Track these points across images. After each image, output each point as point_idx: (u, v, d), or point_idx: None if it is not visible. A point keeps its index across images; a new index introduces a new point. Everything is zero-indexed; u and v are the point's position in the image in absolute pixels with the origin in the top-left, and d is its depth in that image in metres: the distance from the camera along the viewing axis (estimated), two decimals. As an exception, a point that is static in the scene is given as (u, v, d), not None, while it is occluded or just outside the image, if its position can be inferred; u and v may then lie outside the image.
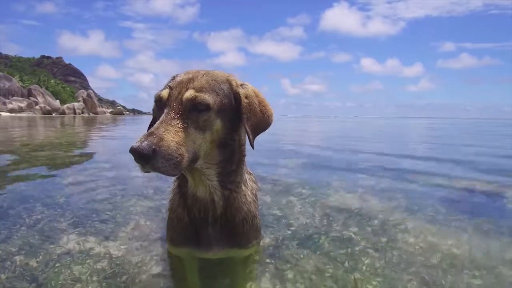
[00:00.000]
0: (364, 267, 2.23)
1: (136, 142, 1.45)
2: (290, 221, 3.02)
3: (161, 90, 1.78)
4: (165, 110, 1.66)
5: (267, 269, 2.18)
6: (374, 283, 2.04)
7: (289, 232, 2.79)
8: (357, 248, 2.49)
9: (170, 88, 1.73)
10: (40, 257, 2.27)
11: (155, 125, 1.59)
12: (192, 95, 1.68)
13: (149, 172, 1.51)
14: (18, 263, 2.19)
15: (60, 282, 1.98)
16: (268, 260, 2.29)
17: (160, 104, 1.74)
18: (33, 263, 2.19)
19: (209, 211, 1.97)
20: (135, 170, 5.55)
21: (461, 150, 9.51)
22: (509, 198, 3.97)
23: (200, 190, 1.93)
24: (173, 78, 1.85)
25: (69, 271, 2.10)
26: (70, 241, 2.52)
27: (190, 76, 1.78)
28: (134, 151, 1.44)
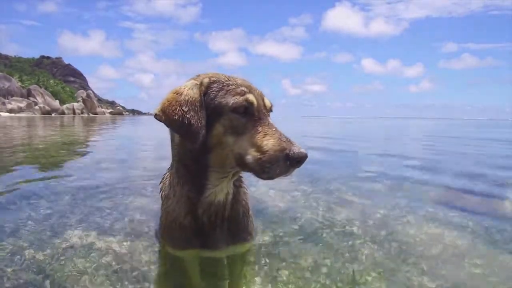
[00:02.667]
0: (364, 258, 2.25)
1: (298, 149, 1.55)
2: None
3: (243, 95, 1.71)
4: (263, 117, 1.73)
5: (265, 266, 2.16)
6: (373, 274, 2.05)
7: (296, 227, 2.80)
8: (358, 241, 2.51)
9: (250, 93, 1.75)
10: (48, 250, 2.28)
11: (279, 132, 1.66)
12: (271, 104, 1.85)
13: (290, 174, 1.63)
14: (26, 256, 2.20)
15: (65, 274, 1.99)
16: (265, 259, 2.27)
17: (250, 108, 1.71)
18: (40, 256, 2.20)
19: (219, 215, 1.97)
20: (134, 169, 5.57)
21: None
22: (510, 195, 3.99)
23: (220, 195, 1.93)
24: (213, 81, 1.78)
25: (73, 264, 2.10)
26: (75, 237, 2.52)
27: (246, 82, 1.83)
28: (305, 157, 1.57)
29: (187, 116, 1.67)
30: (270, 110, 1.85)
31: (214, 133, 1.71)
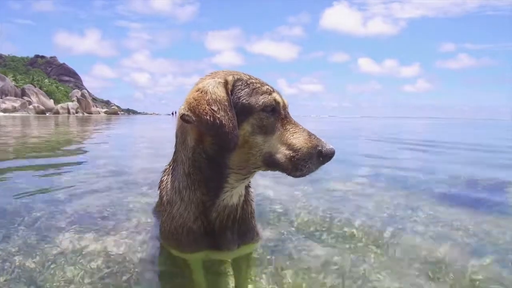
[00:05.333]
0: (372, 260, 2.23)
1: (329, 145, 1.63)
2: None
3: (271, 94, 1.71)
4: (288, 115, 1.77)
5: (269, 266, 2.15)
6: (383, 274, 2.03)
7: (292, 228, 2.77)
8: (360, 244, 2.48)
9: (275, 91, 1.76)
10: (37, 257, 2.22)
11: (306, 129, 1.70)
12: (287, 102, 1.83)
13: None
14: (17, 263, 2.14)
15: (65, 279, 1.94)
16: (270, 256, 2.27)
17: (277, 107, 1.72)
18: (30, 263, 2.14)
19: (231, 217, 1.92)
20: (129, 167, 5.52)
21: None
22: (510, 193, 3.99)
23: (235, 197, 1.89)
24: (237, 79, 1.73)
25: (63, 272, 2.05)
26: (69, 240, 2.47)
27: (263, 80, 1.81)
28: (334, 152, 1.64)
29: (218, 116, 1.60)
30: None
31: (241, 133, 1.66)
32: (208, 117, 1.61)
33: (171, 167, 2.06)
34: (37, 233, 2.56)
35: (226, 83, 1.70)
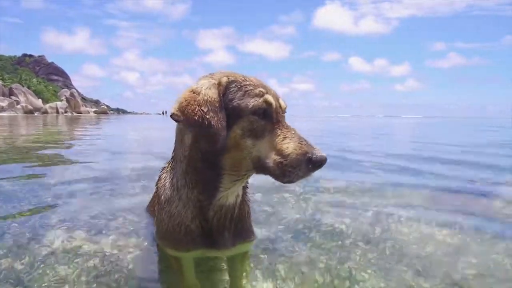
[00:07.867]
0: (358, 258, 2.26)
1: (319, 153, 1.55)
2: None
3: (262, 96, 1.68)
4: (281, 119, 1.71)
5: (260, 264, 2.18)
6: (369, 271, 2.06)
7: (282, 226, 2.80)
8: (349, 240, 2.52)
9: (268, 94, 1.70)
10: (26, 257, 2.21)
11: (298, 134, 1.65)
12: (286, 105, 1.80)
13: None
14: (5, 265, 2.12)
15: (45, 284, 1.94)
16: (261, 255, 2.30)
17: (269, 110, 1.68)
18: (18, 264, 2.13)
19: (228, 216, 1.93)
20: (122, 168, 5.50)
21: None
22: (498, 191, 4.07)
23: (231, 198, 1.89)
24: (232, 81, 1.73)
25: (54, 272, 2.05)
26: (60, 241, 2.46)
27: (262, 82, 1.78)
28: (326, 160, 1.56)
29: (207, 116, 1.62)
30: (284, 111, 1.81)
31: (232, 135, 1.67)
32: (196, 118, 1.63)
33: (170, 165, 2.07)
34: (27, 233, 2.55)
35: (219, 84, 1.71)
